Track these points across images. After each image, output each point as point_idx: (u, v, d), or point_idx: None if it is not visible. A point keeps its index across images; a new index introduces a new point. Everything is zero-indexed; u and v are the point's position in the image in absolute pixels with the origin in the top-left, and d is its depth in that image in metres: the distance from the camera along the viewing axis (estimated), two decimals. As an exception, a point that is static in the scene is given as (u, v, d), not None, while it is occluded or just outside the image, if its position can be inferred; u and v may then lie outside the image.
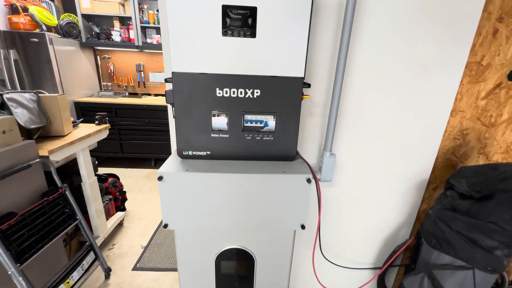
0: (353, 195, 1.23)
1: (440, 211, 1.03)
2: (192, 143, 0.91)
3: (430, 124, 1.12)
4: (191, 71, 0.82)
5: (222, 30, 0.78)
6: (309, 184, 0.85)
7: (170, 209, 0.86)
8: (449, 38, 0.99)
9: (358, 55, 1.01)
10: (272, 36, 0.79)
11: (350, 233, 1.31)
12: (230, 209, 0.87)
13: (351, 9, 0.88)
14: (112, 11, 3.24)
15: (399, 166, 1.19)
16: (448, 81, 1.06)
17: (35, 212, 1.33)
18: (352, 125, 1.11)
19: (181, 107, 0.86)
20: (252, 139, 0.91)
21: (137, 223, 2.41)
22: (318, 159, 1.17)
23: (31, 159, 1.36)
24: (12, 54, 2.83)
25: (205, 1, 0.75)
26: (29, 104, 1.45)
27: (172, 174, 0.82)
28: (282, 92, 0.86)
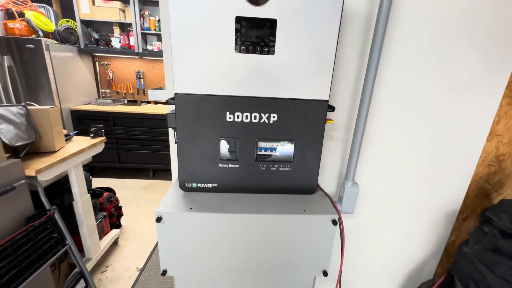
0: (375, 226, 1.10)
1: (480, 252, 0.89)
2: (197, 174, 0.78)
3: (463, 149, 1.00)
4: (198, 92, 0.70)
5: (235, 45, 0.66)
6: (335, 226, 0.72)
7: (169, 254, 0.72)
8: (490, 55, 0.88)
9: (387, 73, 0.89)
10: (294, 53, 0.68)
11: (371, 267, 1.17)
12: (241, 254, 0.74)
13: (384, 21, 0.76)
14: (112, 17, 3.14)
15: (427, 195, 1.06)
16: (486, 103, 0.94)
17: (18, 240, 1.19)
18: (376, 151, 0.98)
19: (184, 133, 0.74)
20: (267, 169, 0.79)
21: (133, 241, 2.26)
22: (337, 187, 1.04)
23: (16, 180, 1.23)
24: (7, 61, 2.71)
25: (216, 11, 0.63)
26: (16, 119, 1.32)
27: (173, 215, 0.69)
28: (303, 117, 0.74)
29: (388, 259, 1.16)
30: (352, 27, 0.84)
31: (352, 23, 0.83)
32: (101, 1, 3.06)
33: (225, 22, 0.64)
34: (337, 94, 0.91)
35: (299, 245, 0.74)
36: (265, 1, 0.63)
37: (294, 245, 0.74)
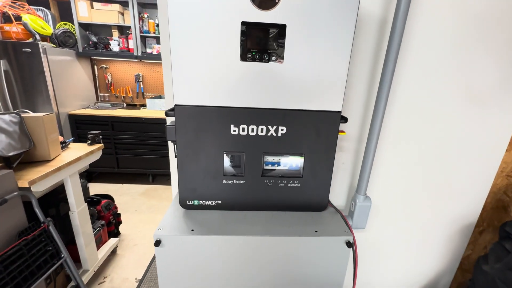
0: (388, 240, 1.04)
1: (503, 272, 0.83)
2: (199, 190, 0.72)
3: (481, 160, 0.94)
4: (199, 103, 0.64)
5: (240, 53, 0.60)
6: (349, 248, 0.66)
7: (170, 281, 0.66)
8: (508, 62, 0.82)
9: (402, 81, 0.83)
10: (304, 61, 0.62)
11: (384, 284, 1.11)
12: (247, 279, 0.68)
13: (400, 26, 0.71)
14: (111, 20, 3.09)
15: (442, 208, 1.00)
16: (505, 112, 0.89)
17: (10, 256, 1.13)
18: (389, 163, 0.93)
19: (185, 147, 0.68)
20: (274, 185, 0.73)
21: (131, 250, 2.20)
22: (347, 200, 0.98)
23: (8, 192, 1.17)
24: (3, 65, 2.66)
25: (220, 16, 0.58)
26: (8, 128, 1.26)
27: (173, 238, 0.63)
28: (314, 129, 0.68)
29: (401, 274, 1.10)
30: (366, 33, 0.78)
31: (366, 28, 0.78)
32: (99, 4, 3.01)
33: (230, 27, 0.59)
34: (349, 103, 0.86)
35: (310, 269, 0.68)
36: (274, 5, 0.58)
37: (304, 269, 0.68)
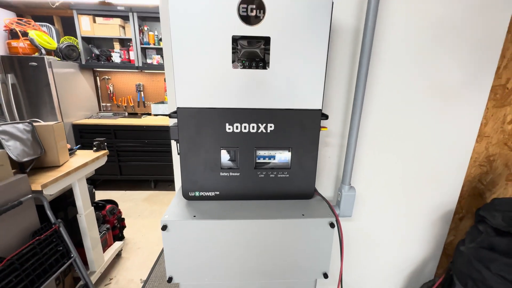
0: (375, 228, 1.13)
1: (476, 250, 0.92)
2: (199, 183, 0.81)
3: (454, 151, 1.04)
4: (198, 106, 0.74)
5: (232, 62, 0.71)
6: (333, 228, 0.75)
7: (175, 261, 0.75)
8: (473, 61, 0.93)
9: (377, 81, 0.94)
10: (287, 67, 0.73)
11: (372, 270, 1.19)
12: (244, 259, 0.77)
13: (370, 34, 0.82)
14: (113, 33, 3.24)
15: (423, 197, 1.10)
16: (472, 106, 0.99)
17: (25, 254, 1.21)
18: (371, 155, 1.02)
19: (187, 144, 0.78)
20: (266, 176, 0.82)
21: (136, 253, 2.27)
22: (335, 191, 1.07)
23: (23, 195, 1.26)
24: (10, 78, 2.78)
25: (214, 32, 0.69)
26: (22, 135, 1.36)
27: (178, 223, 0.72)
28: (298, 126, 0.78)
29: (389, 261, 1.18)
30: (343, 40, 0.89)
31: (343, 36, 0.89)
32: (101, 19, 3.16)
33: (223, 40, 0.69)
34: (331, 102, 0.96)
35: (299, 248, 0.77)
36: (258, 21, 0.69)
37: (294, 249, 0.77)
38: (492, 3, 0.88)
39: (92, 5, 3.07)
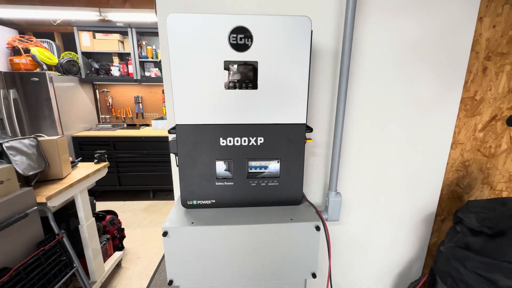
0: (362, 232, 1.20)
1: (453, 249, 1.00)
2: (197, 192, 0.89)
3: (432, 157, 1.13)
4: (195, 122, 0.83)
5: (224, 83, 0.80)
6: (318, 231, 0.83)
7: (175, 265, 0.82)
8: (442, 76, 1.03)
9: (357, 96, 1.03)
10: (273, 87, 0.82)
11: (362, 272, 1.26)
12: (238, 262, 0.84)
13: (347, 55, 0.92)
14: (112, 48, 3.35)
15: (405, 200, 1.18)
16: (445, 116, 1.09)
17: (30, 264, 1.27)
18: (356, 163, 1.11)
19: (185, 157, 0.86)
20: (257, 185, 0.90)
21: (135, 262, 2.30)
22: (323, 197, 1.15)
23: (29, 207, 1.32)
24: (12, 94, 2.87)
25: (208, 57, 0.78)
26: (28, 150, 1.43)
27: (177, 229, 0.79)
28: (285, 138, 0.87)
29: (377, 262, 1.25)
30: (324, 61, 0.99)
31: (324, 58, 0.99)
32: (101, 35, 3.28)
33: (216, 65, 0.78)
34: (316, 116, 1.05)
35: (288, 250, 0.84)
36: (247, 48, 0.78)
37: (284, 251, 0.84)
38: (456, 26, 0.99)
39: (92, 22, 3.20)
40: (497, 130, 1.12)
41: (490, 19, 1.00)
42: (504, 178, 1.16)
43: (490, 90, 1.08)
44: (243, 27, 0.77)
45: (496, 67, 1.04)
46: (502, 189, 1.17)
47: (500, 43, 1.02)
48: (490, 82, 1.07)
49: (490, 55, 1.04)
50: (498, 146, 1.13)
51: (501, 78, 1.05)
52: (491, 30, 1.01)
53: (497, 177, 1.17)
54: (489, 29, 1.01)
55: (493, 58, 1.04)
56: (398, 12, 0.96)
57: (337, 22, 0.96)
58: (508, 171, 1.15)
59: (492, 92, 1.08)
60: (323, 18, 0.96)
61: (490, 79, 1.06)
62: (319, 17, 0.96)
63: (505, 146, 1.13)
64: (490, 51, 1.03)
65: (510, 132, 1.11)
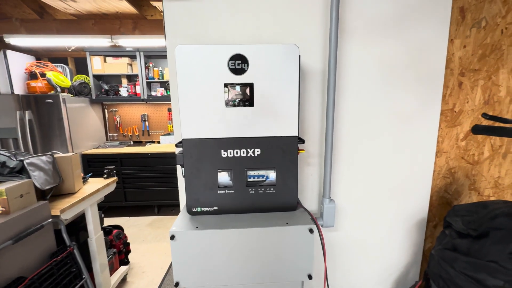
0: (357, 238, 1.26)
1: (442, 251, 1.05)
2: (201, 200, 0.98)
3: (417, 165, 1.22)
4: (199, 137, 0.94)
5: (225, 102, 0.92)
6: (312, 234, 0.91)
7: (181, 267, 0.89)
8: (421, 91, 1.14)
9: (344, 110, 1.14)
10: (268, 104, 0.93)
11: (359, 278, 1.30)
12: (239, 264, 0.91)
13: (333, 74, 1.04)
14: (121, 70, 3.57)
15: (397, 206, 1.25)
16: (427, 127, 1.18)
17: (44, 274, 1.34)
18: (348, 171, 1.20)
19: (190, 168, 0.96)
20: (256, 192, 0.99)
21: (140, 277, 2.34)
22: (319, 205, 1.23)
23: (44, 219, 1.42)
24: (27, 115, 3.05)
25: (210, 80, 0.90)
26: (45, 166, 1.55)
27: (183, 233, 0.88)
28: (280, 149, 0.97)
29: (374, 268, 1.30)
30: (313, 80, 1.11)
31: (313, 77, 1.11)
32: (111, 58, 3.52)
33: (217, 86, 0.91)
34: (309, 129, 1.16)
35: (284, 252, 0.91)
36: (244, 72, 0.91)
37: (281, 253, 0.91)
38: (430, 46, 1.11)
39: (104, 48, 3.44)
40: (478, 138, 1.21)
41: (460, 40, 1.12)
42: (490, 184, 1.23)
43: (467, 102, 1.18)
44: (240, 55, 0.90)
45: (470, 81, 1.15)
46: (489, 194, 1.24)
47: (472, 61, 1.13)
48: (467, 96, 1.17)
49: (463, 71, 1.15)
50: (481, 153, 1.22)
51: (476, 92, 1.16)
52: (462, 50, 1.13)
53: (483, 183, 1.24)
54: (460, 49, 1.13)
55: (467, 74, 1.15)
56: (378, 34, 1.09)
57: (322, 46, 1.09)
58: (493, 177, 1.22)
59: (470, 104, 1.18)
60: (311, 42, 1.10)
61: (466, 93, 1.17)
62: (307, 43, 1.09)
63: (487, 154, 1.21)
64: (463, 68, 1.15)
65: (490, 141, 1.19)
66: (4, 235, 1.21)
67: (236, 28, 1.08)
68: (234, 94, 0.92)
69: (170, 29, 1.08)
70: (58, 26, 3.06)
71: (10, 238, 1.22)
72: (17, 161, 1.43)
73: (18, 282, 1.23)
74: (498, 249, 0.92)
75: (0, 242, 1.18)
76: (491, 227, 0.95)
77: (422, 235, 1.29)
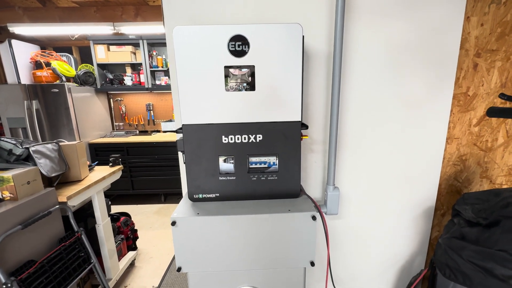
0: (362, 226, 1.24)
1: (449, 240, 1.03)
2: (202, 186, 0.97)
3: (428, 152, 1.17)
4: (199, 122, 0.91)
5: (225, 86, 0.89)
6: (314, 221, 0.89)
7: (183, 253, 0.90)
8: (433, 74, 1.08)
9: (350, 95, 1.10)
10: (270, 88, 0.89)
11: (364, 266, 1.29)
12: (240, 250, 0.90)
13: (339, 56, 0.99)
14: (125, 59, 3.55)
15: (404, 195, 1.21)
16: (438, 112, 1.13)
17: (53, 258, 1.38)
18: (353, 158, 1.16)
19: (191, 155, 0.94)
20: (258, 179, 0.97)
21: (148, 262, 2.40)
22: (322, 192, 1.20)
23: (51, 206, 1.45)
24: (35, 104, 3.08)
25: (210, 63, 0.87)
26: (51, 154, 1.57)
27: (184, 219, 0.87)
28: (282, 135, 0.94)
29: (378, 256, 1.28)
30: (318, 63, 1.06)
31: (317, 60, 1.06)
32: (115, 47, 3.49)
33: (217, 70, 0.87)
34: (313, 114, 1.12)
35: (287, 239, 0.90)
36: (244, 54, 0.87)
37: (283, 240, 0.90)
38: (444, 25, 1.04)
39: (107, 36, 3.41)
40: (492, 124, 1.15)
41: (477, 18, 1.04)
42: (504, 171, 1.18)
43: (482, 85, 1.11)
44: (241, 36, 0.85)
45: (486, 63, 1.08)
46: (502, 182, 1.19)
47: (489, 40, 1.06)
48: (482, 78, 1.10)
49: (480, 52, 1.08)
50: (494, 140, 1.16)
51: (492, 74, 1.09)
52: (479, 29, 1.05)
53: (496, 171, 1.19)
54: (477, 28, 1.05)
55: (483, 55, 1.08)
56: (386, 14, 1.02)
57: (328, 26, 1.03)
58: (506, 165, 1.17)
59: (485, 88, 1.11)
60: (315, 23, 1.04)
61: (481, 75, 1.10)
62: (311, 23, 1.04)
63: (501, 140, 1.15)
64: (479, 49, 1.07)
65: (505, 126, 1.13)
66: (13, 220, 1.25)
67: (237, 8, 1.03)
68: (234, 78, 0.89)
69: (168, 11, 1.04)
70: (60, 13, 3.03)
71: (19, 223, 1.25)
72: (23, 149, 1.45)
73: (29, 265, 1.27)
74: (509, 238, 0.88)
75: (10, 227, 1.22)
76: (502, 215, 0.92)
77: (429, 224, 1.26)
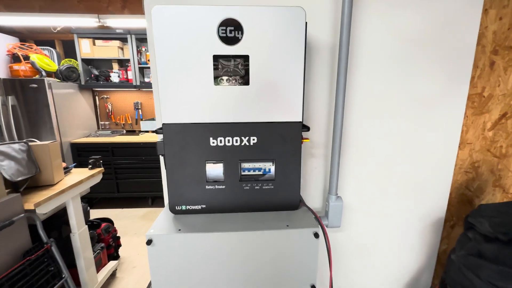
0: (366, 239, 1.12)
1: (465, 258, 0.92)
2: (186, 196, 0.83)
3: (438, 158, 1.06)
4: (183, 121, 0.77)
5: (213, 79, 0.75)
6: (317, 239, 0.76)
7: (161, 278, 0.75)
8: (447, 72, 0.98)
9: (357, 93, 0.98)
10: (267, 82, 0.76)
11: (367, 282, 1.17)
12: (230, 273, 0.77)
13: (345, 49, 0.87)
14: (111, 54, 3.36)
15: (411, 205, 1.10)
16: (451, 115, 1.02)
17: (15, 275, 1.20)
18: (357, 165, 1.04)
19: (172, 159, 0.80)
20: (251, 188, 0.84)
21: (131, 272, 2.22)
22: (323, 202, 1.08)
23: (15, 214, 1.27)
24: (11, 100, 2.86)
25: (196, 51, 0.73)
26: (17, 155, 1.39)
27: (163, 237, 0.73)
28: (280, 138, 0.81)
29: (383, 270, 1.17)
30: (321, 57, 0.94)
31: (320, 53, 0.94)
32: (101, 41, 3.29)
33: (204, 59, 0.74)
34: (314, 114, 0.99)
35: (284, 260, 0.77)
36: (238, 41, 0.74)
37: (279, 260, 0.77)
38: (460, 18, 0.94)
39: (92, 29, 3.21)
40: (507, 128, 1.05)
41: (496, 10, 0.94)
42: (517, 180, 1.08)
43: (498, 86, 1.01)
44: (233, 19, 0.72)
45: (504, 61, 0.98)
46: (515, 192, 1.09)
47: (508, 36, 0.96)
48: (499, 78, 1.01)
49: (497, 48, 0.98)
50: (509, 145, 1.06)
51: (510, 74, 0.99)
52: (497, 23, 0.96)
53: (509, 179, 1.09)
54: (495, 22, 0.96)
55: (501, 52, 0.98)
56: (398, 3, 0.91)
57: (333, 15, 0.91)
58: (521, 173, 1.07)
59: (501, 88, 1.01)
60: (319, 10, 0.92)
61: (498, 74, 1.00)
62: (314, 10, 0.91)
63: (517, 146, 1.05)
64: (497, 45, 0.98)
65: (522, 131, 1.04)
66: (-35, 232, 1.07)
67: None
68: (225, 70, 0.75)
69: (149, -9, 0.90)
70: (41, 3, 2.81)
71: (-28, 236, 1.07)
72: (-18, 149, 1.27)
73: (-16, 284, 1.09)
74: (535, 258, 0.78)
75: (-40, 241, 1.04)
76: (527, 231, 0.81)
77: (438, 237, 1.15)
